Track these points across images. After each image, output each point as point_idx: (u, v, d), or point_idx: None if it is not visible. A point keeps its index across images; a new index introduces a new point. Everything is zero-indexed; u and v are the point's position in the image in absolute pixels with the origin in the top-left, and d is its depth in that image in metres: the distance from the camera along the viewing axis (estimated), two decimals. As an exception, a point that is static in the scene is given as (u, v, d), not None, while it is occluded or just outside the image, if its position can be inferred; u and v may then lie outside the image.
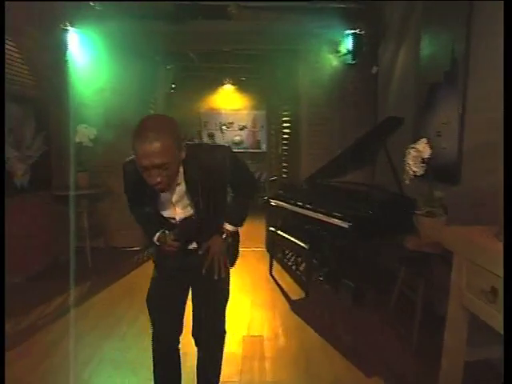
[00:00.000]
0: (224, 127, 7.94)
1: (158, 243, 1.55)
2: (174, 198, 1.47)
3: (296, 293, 3.32)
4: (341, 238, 3.06)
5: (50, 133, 3.93)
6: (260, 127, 8.00)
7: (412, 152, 2.41)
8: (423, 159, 2.36)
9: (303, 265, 3.91)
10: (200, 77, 6.99)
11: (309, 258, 3.13)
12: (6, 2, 2.20)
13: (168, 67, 5.01)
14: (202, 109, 7.89)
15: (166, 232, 1.51)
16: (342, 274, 3.30)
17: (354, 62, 3.94)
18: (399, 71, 3.67)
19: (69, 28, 3.72)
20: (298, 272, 3.78)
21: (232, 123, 7.98)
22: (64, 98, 3.90)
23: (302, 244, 3.14)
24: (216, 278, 1.53)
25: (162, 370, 1.72)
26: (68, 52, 3.82)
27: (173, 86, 5.67)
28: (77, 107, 3.91)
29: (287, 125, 4.43)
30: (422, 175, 2.40)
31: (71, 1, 3.73)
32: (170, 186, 1.34)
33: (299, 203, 3.46)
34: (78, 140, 3.77)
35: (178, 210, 1.50)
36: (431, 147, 2.36)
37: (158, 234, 1.53)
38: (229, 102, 7.82)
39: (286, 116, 4.45)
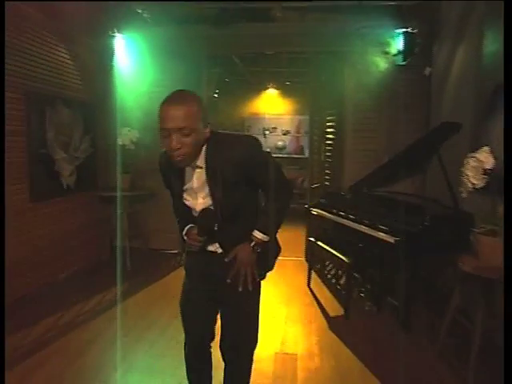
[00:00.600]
0: (267, 132, 7.87)
1: (185, 238, 1.48)
2: (195, 184, 1.38)
3: (334, 309, 3.11)
4: (386, 254, 2.82)
5: (96, 135, 4.06)
6: (304, 132, 7.84)
7: (471, 162, 2.14)
8: (485, 170, 2.09)
9: (344, 278, 3.69)
10: (243, 81, 6.98)
11: (350, 273, 2.92)
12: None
13: (212, 71, 5.01)
14: (245, 113, 7.88)
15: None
16: (386, 291, 3.04)
17: (404, 63, 3.67)
18: (456, 72, 3.35)
19: (116, 34, 3.83)
20: (337, 286, 3.56)
21: (275, 128, 7.89)
22: (110, 102, 4.02)
23: (343, 257, 2.94)
24: (240, 289, 1.42)
25: (194, 374, 1.67)
26: (114, 57, 3.93)
27: (216, 90, 5.69)
28: (121, 110, 4.01)
29: (331, 130, 4.23)
30: (482, 188, 2.13)
31: (98, 0, 3.81)
32: (189, 159, 1.27)
33: (342, 213, 3.26)
34: (120, 143, 3.86)
35: (199, 200, 1.41)
36: (494, 157, 2.09)
37: (185, 228, 1.47)
38: (272, 107, 7.74)
39: (330, 121, 4.26)
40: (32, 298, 3.21)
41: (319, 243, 3.31)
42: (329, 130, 4.27)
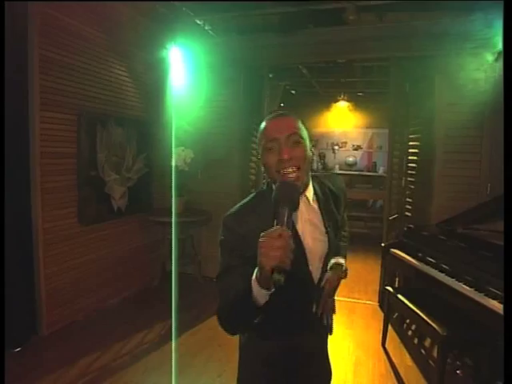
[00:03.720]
0: (336, 147, 7.21)
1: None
2: (305, 222, 1.12)
3: (415, 381, 2.40)
4: (499, 328, 2.04)
5: (151, 155, 3.84)
6: (377, 148, 7.04)
7: None
8: None
9: (428, 340, 2.93)
10: (311, 93, 6.45)
11: (445, 348, 2.18)
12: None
13: (280, 83, 4.57)
14: (313, 127, 7.31)
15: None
16: (495, 375, 2.24)
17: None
18: None
19: (173, 47, 3.58)
20: (422, 350, 2.82)
21: (345, 143, 7.20)
22: (165, 119, 3.78)
23: (435, 326, 2.22)
24: (325, 323, 1.20)
25: None
26: (170, 71, 3.68)
27: (281, 104, 5.24)
28: (177, 128, 3.74)
29: (415, 151, 3.49)
30: None
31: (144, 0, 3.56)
32: (302, 176, 1.06)
33: (432, 260, 2.54)
34: (174, 163, 3.57)
35: (308, 241, 1.11)
36: None
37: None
38: (343, 120, 7.07)
39: (414, 140, 3.52)
40: (79, 326, 3.06)
41: (400, 297, 2.61)
42: (412, 150, 3.52)
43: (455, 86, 3.11)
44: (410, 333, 3.08)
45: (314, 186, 1.17)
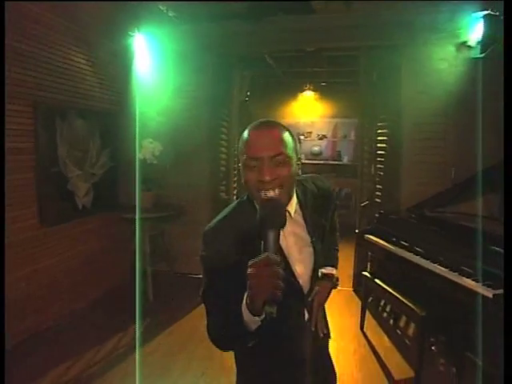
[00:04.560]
0: (302, 137, 7.26)
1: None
2: (290, 241, 1.05)
3: (398, 365, 2.48)
4: (476, 308, 2.15)
5: (116, 148, 3.63)
6: (341, 137, 7.18)
7: None
8: None
9: (403, 319, 3.05)
10: (277, 83, 6.42)
11: (423, 327, 2.27)
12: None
13: (244, 73, 4.47)
14: (279, 117, 7.31)
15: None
16: (468, 348, 2.36)
17: (482, 55, 2.96)
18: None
19: (137, 34, 3.37)
20: (397, 331, 2.93)
21: (310, 133, 7.26)
22: (130, 110, 3.58)
23: (414, 307, 2.30)
24: (321, 335, 1.19)
25: None
26: (134, 60, 3.47)
27: (247, 93, 5.16)
28: (143, 120, 3.55)
29: (384, 138, 3.58)
30: None
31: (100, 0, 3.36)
32: (285, 196, 0.99)
33: (407, 244, 2.63)
34: (141, 156, 3.40)
35: (296, 265, 1.07)
36: None
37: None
38: (308, 110, 7.11)
39: (382, 128, 3.60)
40: (45, 337, 2.82)
41: (378, 281, 2.68)
42: (381, 137, 3.61)
43: (421, 76, 3.22)
44: (385, 315, 3.18)
45: (296, 194, 1.08)
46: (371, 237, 2.98)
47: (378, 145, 3.62)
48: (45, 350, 2.68)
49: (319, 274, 1.18)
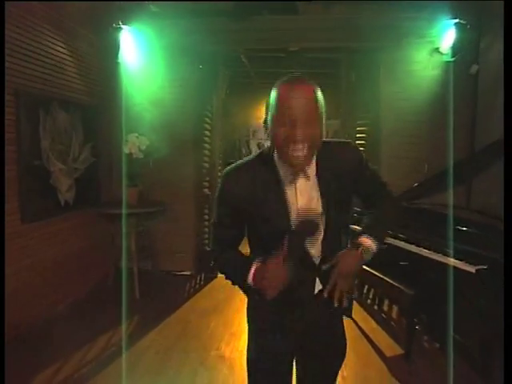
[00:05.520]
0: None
1: (252, 281, 1.07)
2: (300, 199, 1.08)
3: (388, 345, 2.65)
4: (459, 285, 2.35)
5: (99, 143, 3.53)
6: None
7: None
8: None
9: (386, 303, 3.24)
10: (255, 83, 6.52)
11: (412, 306, 2.45)
12: None
13: (226, 72, 4.52)
14: (252, 117, 7.42)
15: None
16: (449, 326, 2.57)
17: (452, 59, 3.24)
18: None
19: (122, 26, 3.32)
20: (383, 315, 3.11)
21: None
22: (115, 104, 3.51)
23: (403, 287, 2.47)
24: (336, 305, 1.11)
25: None
26: (120, 53, 3.41)
27: (227, 91, 5.20)
28: (128, 114, 3.49)
29: (362, 135, 3.78)
30: None
31: (93, 0, 3.34)
32: (308, 158, 1.02)
33: (391, 233, 2.80)
34: (127, 151, 3.34)
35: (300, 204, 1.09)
36: None
37: (253, 267, 1.06)
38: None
39: (361, 126, 3.81)
40: (25, 340, 2.66)
41: (365, 267, 2.83)
42: (360, 135, 3.82)
43: (398, 77, 3.47)
44: (369, 301, 3.36)
45: (318, 159, 1.09)
46: (356, 227, 3.14)
47: (358, 142, 3.82)
48: (28, 354, 2.52)
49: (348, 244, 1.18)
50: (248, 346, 1.27)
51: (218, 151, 4.15)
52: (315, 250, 1.12)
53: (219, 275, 4.09)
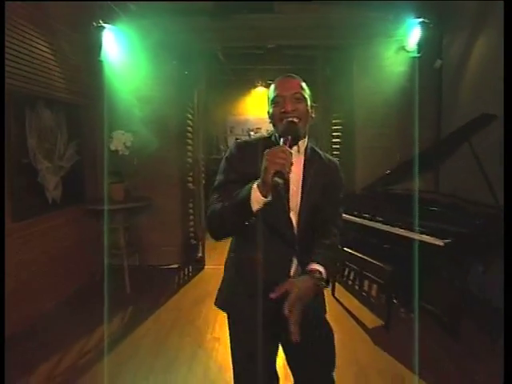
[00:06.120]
0: (252, 132, 7.57)
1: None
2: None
3: (368, 318, 2.89)
4: (430, 258, 2.62)
5: (83, 141, 3.57)
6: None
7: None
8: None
9: (366, 283, 3.49)
10: (230, 79, 6.64)
11: (390, 281, 2.69)
12: None
13: (206, 70, 4.63)
14: (229, 113, 7.54)
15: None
16: (421, 297, 2.84)
17: (418, 55, 3.52)
18: (475, 65, 3.24)
19: (103, 25, 3.36)
20: (363, 293, 3.36)
21: (260, 128, 7.60)
22: (98, 102, 3.54)
23: (381, 264, 2.71)
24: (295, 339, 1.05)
25: None
26: (102, 52, 3.46)
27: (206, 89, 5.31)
28: (112, 111, 3.54)
29: (338, 127, 4.01)
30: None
31: (83, 0, 3.38)
32: (301, 126, 1.24)
33: (368, 216, 3.05)
34: (113, 148, 3.40)
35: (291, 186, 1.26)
36: None
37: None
38: (258, 106, 7.46)
39: (336, 118, 4.04)
40: (16, 342, 2.57)
41: (346, 249, 3.06)
42: (336, 127, 4.04)
43: (370, 72, 3.72)
44: (350, 282, 3.60)
45: (309, 148, 1.30)
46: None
47: (334, 133, 4.05)
48: (22, 352, 2.55)
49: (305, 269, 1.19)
50: (230, 344, 1.32)
51: (200, 147, 4.26)
52: (295, 215, 1.26)
53: (206, 267, 4.24)
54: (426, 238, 2.51)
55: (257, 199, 1.06)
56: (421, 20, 3.37)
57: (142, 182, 3.87)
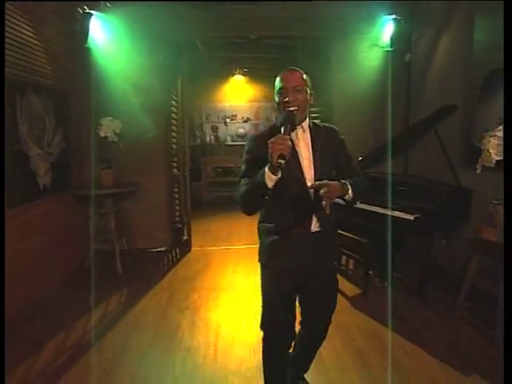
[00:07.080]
0: (228, 119, 7.71)
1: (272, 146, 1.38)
2: (301, 145, 1.56)
3: (347, 288, 3.22)
4: (402, 232, 2.97)
5: (70, 128, 3.60)
6: (264, 119, 7.83)
7: (493, 140, 2.34)
8: (505, 147, 2.29)
9: (344, 258, 3.82)
10: (207, 68, 6.71)
11: (368, 254, 3.02)
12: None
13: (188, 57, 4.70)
14: (206, 100, 7.62)
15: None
16: (393, 267, 3.21)
17: (391, 48, 3.82)
18: (441, 59, 3.58)
19: (90, 12, 3.38)
20: (341, 267, 3.69)
21: (235, 115, 7.75)
22: (85, 89, 3.58)
23: (359, 238, 3.03)
24: (328, 212, 1.48)
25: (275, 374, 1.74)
26: (89, 38, 3.48)
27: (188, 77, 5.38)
28: (99, 98, 3.59)
29: (318, 115, 4.27)
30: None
31: (75, 0, 3.40)
32: (301, 112, 1.53)
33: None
34: (103, 134, 3.47)
35: (304, 161, 1.55)
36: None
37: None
38: (234, 94, 7.59)
39: (314, 106, 4.28)
40: (11, 329, 2.58)
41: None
42: (314, 114, 4.29)
43: (347, 65, 3.98)
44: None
45: (312, 125, 1.61)
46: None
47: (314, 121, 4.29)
48: (16, 340, 2.66)
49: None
50: (261, 286, 1.67)
51: (186, 133, 4.38)
52: (308, 175, 1.54)
53: (193, 248, 4.42)
54: (398, 213, 2.84)
55: (270, 178, 1.38)
56: (393, 17, 3.65)
57: (129, 167, 3.95)
